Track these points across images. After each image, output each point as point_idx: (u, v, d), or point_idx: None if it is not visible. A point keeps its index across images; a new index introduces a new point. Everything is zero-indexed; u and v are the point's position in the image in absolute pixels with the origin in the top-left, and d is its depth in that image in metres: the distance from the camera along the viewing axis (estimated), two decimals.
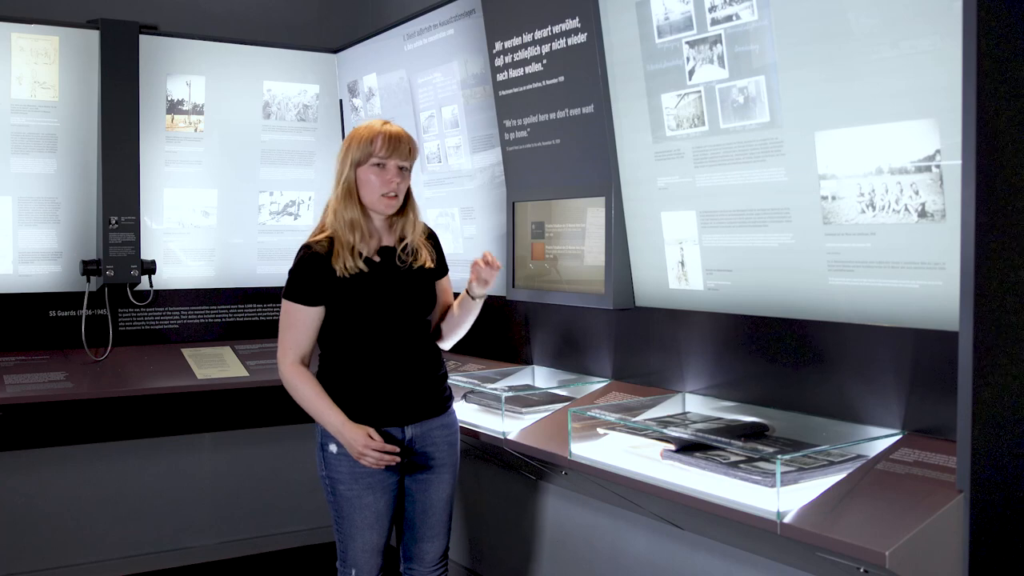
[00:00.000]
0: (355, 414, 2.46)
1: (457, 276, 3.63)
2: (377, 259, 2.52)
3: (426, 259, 2.57)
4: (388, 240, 2.56)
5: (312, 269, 2.46)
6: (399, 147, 2.47)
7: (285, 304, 2.49)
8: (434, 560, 2.64)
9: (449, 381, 2.68)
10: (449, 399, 2.64)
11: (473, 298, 2.61)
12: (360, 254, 2.48)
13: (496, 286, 3.38)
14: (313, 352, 2.53)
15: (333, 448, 2.49)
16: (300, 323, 2.47)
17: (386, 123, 2.53)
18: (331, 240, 2.48)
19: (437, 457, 2.56)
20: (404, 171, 2.50)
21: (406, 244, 2.55)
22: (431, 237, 2.67)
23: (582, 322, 3.04)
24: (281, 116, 4.18)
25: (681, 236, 2.58)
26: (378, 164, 2.46)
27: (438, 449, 2.56)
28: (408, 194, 2.56)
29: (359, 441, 2.40)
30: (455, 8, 3.39)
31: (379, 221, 2.55)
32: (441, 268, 2.66)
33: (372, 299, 2.48)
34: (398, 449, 2.44)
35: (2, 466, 3.81)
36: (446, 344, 2.70)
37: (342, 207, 2.48)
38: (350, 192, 2.48)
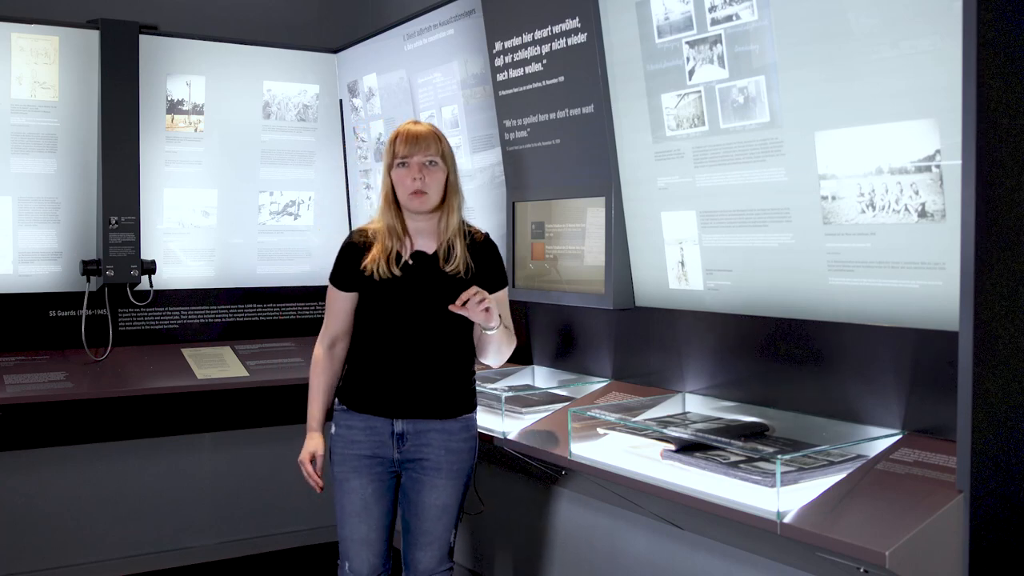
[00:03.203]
0: (353, 400, 2.56)
1: None
2: (411, 262, 2.53)
3: (459, 267, 2.50)
4: (428, 244, 2.55)
5: (347, 258, 2.59)
6: (418, 143, 2.49)
7: (328, 287, 2.63)
8: (426, 571, 2.56)
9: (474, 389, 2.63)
10: (462, 408, 2.56)
11: (482, 331, 2.52)
12: (398, 258, 2.51)
13: None
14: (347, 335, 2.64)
15: (333, 428, 2.59)
16: (335, 306, 2.62)
17: (415, 123, 2.57)
18: (370, 236, 2.56)
19: (431, 459, 2.52)
20: (431, 165, 2.49)
21: (447, 249, 2.52)
22: (482, 247, 2.59)
23: (582, 322, 3.04)
24: (281, 116, 4.18)
25: (681, 236, 2.58)
26: (402, 163, 2.50)
27: (433, 451, 2.52)
28: (448, 191, 2.53)
29: (305, 451, 2.61)
30: (455, 8, 3.39)
31: (420, 222, 2.55)
32: (482, 281, 2.51)
33: (388, 300, 2.52)
34: (321, 483, 2.59)
35: (2, 466, 3.81)
36: (485, 361, 2.62)
37: (382, 212, 2.56)
38: (388, 197, 2.55)
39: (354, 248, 2.57)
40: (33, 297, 3.75)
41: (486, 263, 2.58)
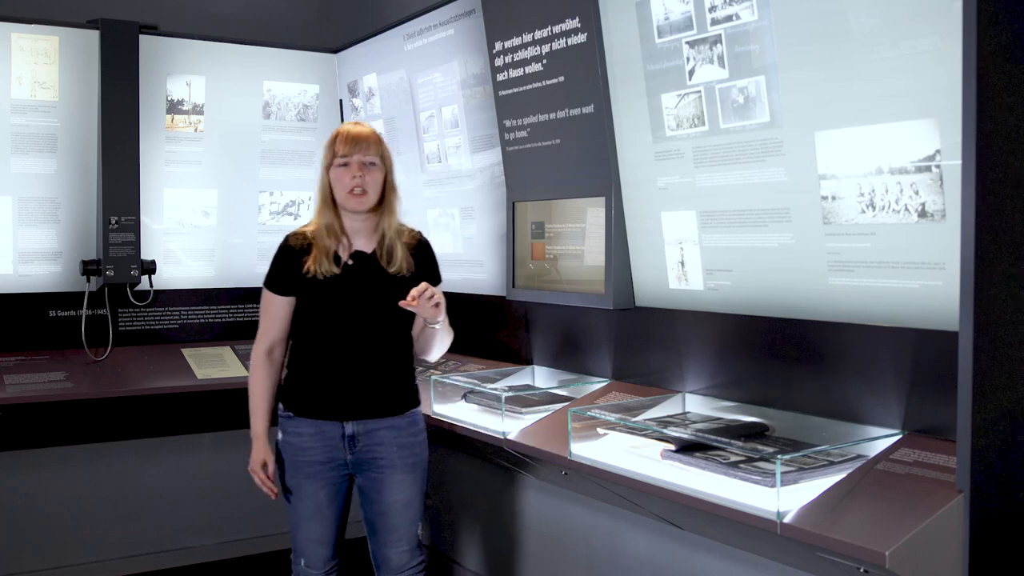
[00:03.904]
0: (299, 405, 2.57)
1: (459, 277, 3.65)
2: (350, 263, 2.56)
3: (402, 267, 2.57)
4: (366, 244, 2.59)
5: (284, 262, 2.60)
6: (358, 143, 2.54)
7: (263, 291, 2.63)
8: (400, 567, 2.61)
9: (426, 380, 2.72)
10: (408, 404, 2.63)
11: (428, 325, 2.59)
12: (336, 258, 2.54)
13: (496, 286, 3.41)
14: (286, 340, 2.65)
15: (280, 435, 2.62)
16: (272, 311, 2.61)
17: (356, 124, 2.62)
18: (306, 238, 2.59)
19: (386, 457, 2.56)
20: (371, 166, 2.54)
21: (385, 249, 2.57)
22: (419, 246, 2.66)
23: (582, 322, 3.03)
24: (281, 116, 4.18)
25: (681, 236, 2.58)
26: (342, 163, 2.54)
27: (387, 449, 2.56)
28: (387, 191, 2.59)
29: (255, 460, 2.60)
30: (455, 8, 3.39)
31: (357, 223, 2.58)
32: (422, 279, 2.56)
33: (330, 301, 2.54)
34: (276, 490, 2.60)
35: (2, 466, 3.81)
36: (425, 357, 2.71)
37: (320, 212, 2.60)
38: (325, 196, 2.59)
39: (291, 251, 2.59)
40: (33, 297, 3.75)
41: (424, 261, 2.65)
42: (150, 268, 3.81)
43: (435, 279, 2.66)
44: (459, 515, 3.84)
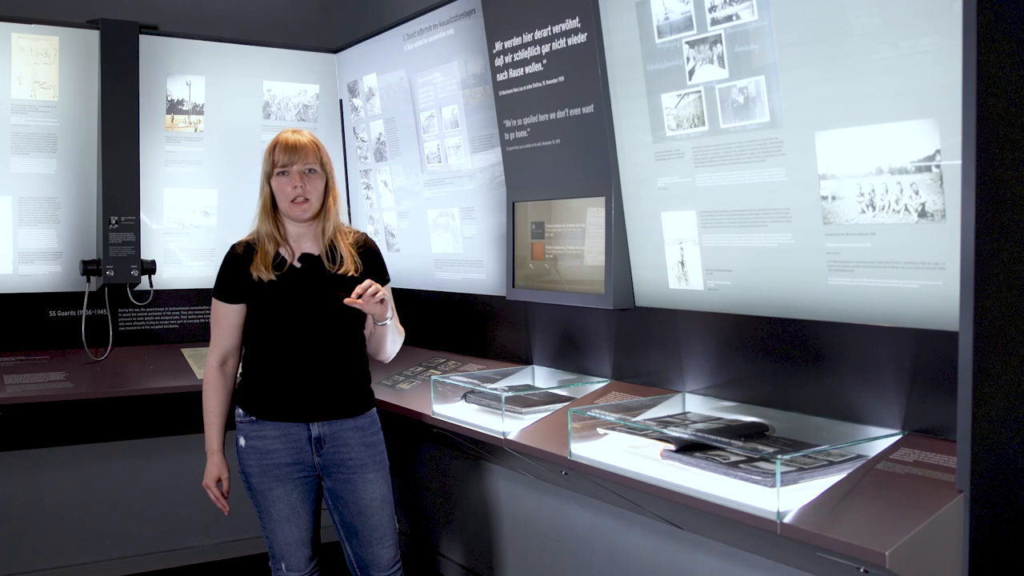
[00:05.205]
0: (263, 408, 2.58)
1: (459, 277, 3.65)
2: (298, 265, 2.59)
3: (350, 268, 2.60)
4: (313, 247, 2.62)
5: (231, 269, 2.61)
6: (297, 152, 2.56)
7: (212, 302, 2.65)
8: (390, 563, 2.66)
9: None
10: (368, 403, 2.68)
11: (376, 324, 2.63)
12: (278, 262, 2.57)
13: (496, 286, 3.41)
14: (239, 349, 2.67)
15: (242, 441, 2.62)
16: (223, 320, 2.62)
17: (295, 131, 2.64)
18: (250, 244, 2.62)
19: (354, 457, 2.60)
20: (312, 174, 2.57)
21: (330, 251, 2.61)
22: (366, 248, 2.70)
23: (582, 322, 3.04)
24: (281, 116, 4.18)
25: (681, 236, 2.58)
26: (282, 172, 2.56)
27: (353, 450, 2.60)
28: (327, 197, 2.62)
29: (209, 475, 2.66)
30: (455, 8, 3.39)
31: (301, 228, 2.62)
32: (369, 277, 2.62)
33: (281, 303, 2.56)
34: (227, 507, 2.68)
35: (2, 466, 3.81)
36: (379, 358, 2.75)
37: (259, 220, 2.62)
38: (266, 204, 2.61)
39: (238, 258, 2.61)
40: (33, 297, 3.75)
41: (371, 261, 2.69)
42: (150, 268, 3.82)
43: (382, 279, 2.70)
44: (458, 515, 3.84)
